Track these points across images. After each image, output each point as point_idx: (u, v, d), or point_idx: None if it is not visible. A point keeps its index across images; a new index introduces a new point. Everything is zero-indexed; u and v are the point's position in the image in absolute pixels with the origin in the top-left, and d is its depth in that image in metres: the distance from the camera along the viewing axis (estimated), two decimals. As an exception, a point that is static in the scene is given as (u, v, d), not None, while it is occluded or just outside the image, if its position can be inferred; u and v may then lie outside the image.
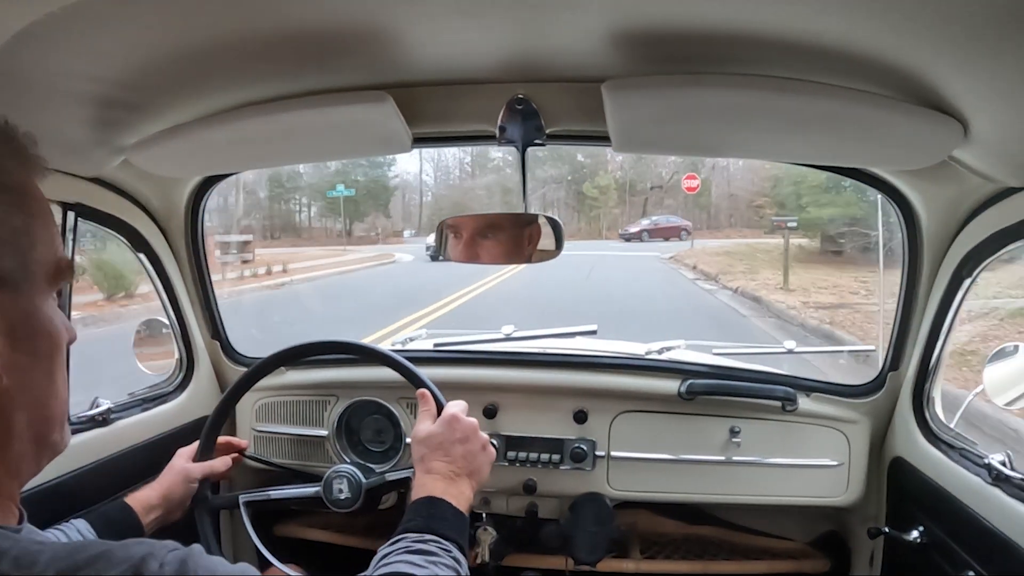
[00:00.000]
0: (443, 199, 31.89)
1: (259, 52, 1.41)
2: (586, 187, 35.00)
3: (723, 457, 2.31)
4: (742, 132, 1.65)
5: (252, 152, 1.90)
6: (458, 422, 1.65)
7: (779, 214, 24.84)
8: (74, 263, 0.93)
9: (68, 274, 0.90)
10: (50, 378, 0.86)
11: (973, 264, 1.87)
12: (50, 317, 0.86)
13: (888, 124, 1.45)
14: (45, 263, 0.85)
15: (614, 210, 36.67)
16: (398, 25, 1.33)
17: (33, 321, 0.83)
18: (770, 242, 22.80)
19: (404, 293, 16.17)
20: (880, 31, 1.15)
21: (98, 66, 1.32)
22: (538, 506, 2.43)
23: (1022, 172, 1.54)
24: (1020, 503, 1.57)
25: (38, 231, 0.84)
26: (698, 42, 1.33)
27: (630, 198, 36.73)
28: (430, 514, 1.43)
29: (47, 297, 0.86)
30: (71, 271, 0.91)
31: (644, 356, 2.50)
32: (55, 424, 0.89)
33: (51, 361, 0.87)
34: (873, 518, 2.30)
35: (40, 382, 0.85)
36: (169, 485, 1.86)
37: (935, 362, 2.06)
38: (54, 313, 0.88)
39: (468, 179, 31.42)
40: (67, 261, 0.90)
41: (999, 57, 1.09)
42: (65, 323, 0.92)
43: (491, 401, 2.38)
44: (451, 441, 1.61)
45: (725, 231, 28.63)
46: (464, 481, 1.56)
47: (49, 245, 0.86)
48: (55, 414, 0.88)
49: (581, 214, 35.09)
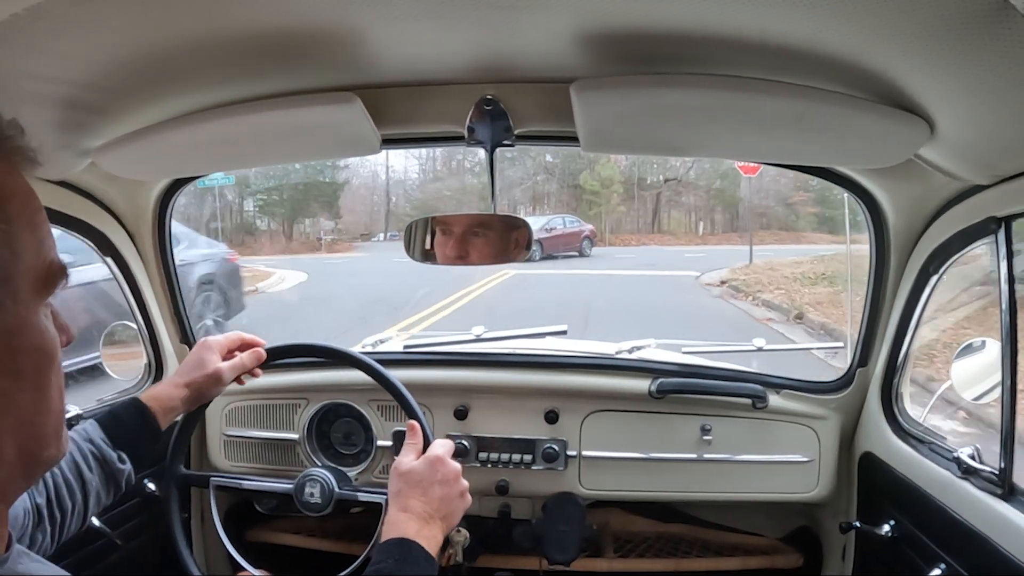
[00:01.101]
0: (413, 198, 26.22)
1: (225, 54, 1.40)
2: (584, 178, 26.78)
3: (694, 455, 2.32)
4: (710, 132, 1.65)
5: (220, 154, 1.89)
6: (442, 464, 1.63)
7: (823, 213, 21.25)
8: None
9: (60, 278, 0.83)
10: (40, 394, 0.80)
11: (940, 261, 1.90)
12: (40, 329, 0.80)
13: (855, 123, 1.46)
14: (32, 272, 0.78)
15: (619, 208, 28.22)
16: (365, 26, 1.32)
17: (17, 339, 0.76)
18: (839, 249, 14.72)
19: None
20: (847, 31, 1.16)
21: (62, 68, 1.31)
22: (511, 507, 2.43)
23: (987, 170, 1.56)
24: (989, 495, 1.59)
25: (21, 239, 0.77)
26: (666, 42, 1.34)
27: (639, 193, 27.93)
28: (402, 557, 1.41)
29: (37, 307, 0.80)
30: (64, 274, 0.84)
31: (614, 356, 2.50)
32: (47, 440, 0.83)
33: (40, 376, 0.80)
34: (844, 513, 2.32)
35: (27, 402, 0.79)
36: (197, 385, 1.77)
37: (903, 358, 2.09)
38: (45, 323, 0.81)
39: (441, 177, 26.53)
40: (59, 264, 0.83)
41: (964, 56, 1.10)
42: (63, 326, 0.87)
43: (462, 402, 2.38)
44: (432, 481, 1.58)
45: (759, 234, 21.89)
46: (437, 524, 1.54)
47: (36, 251, 0.79)
48: (47, 431, 0.82)
49: (578, 213, 25.98)
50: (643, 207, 27.85)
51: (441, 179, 24.90)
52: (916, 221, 1.97)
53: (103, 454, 1.54)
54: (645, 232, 26.96)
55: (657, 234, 26.53)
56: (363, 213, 23.10)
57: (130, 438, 1.61)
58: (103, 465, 1.54)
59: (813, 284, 13.51)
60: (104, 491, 1.56)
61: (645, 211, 27.83)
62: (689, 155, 2.99)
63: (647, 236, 26.34)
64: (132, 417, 1.64)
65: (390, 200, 21.77)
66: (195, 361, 1.79)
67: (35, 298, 0.79)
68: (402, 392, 1.92)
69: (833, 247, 15.92)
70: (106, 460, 1.54)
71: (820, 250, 16.23)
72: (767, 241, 21.17)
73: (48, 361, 0.81)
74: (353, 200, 24.63)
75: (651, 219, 27.80)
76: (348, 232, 24.57)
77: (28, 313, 0.78)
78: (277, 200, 24.35)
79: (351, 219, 25.28)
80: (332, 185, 24.21)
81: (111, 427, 1.59)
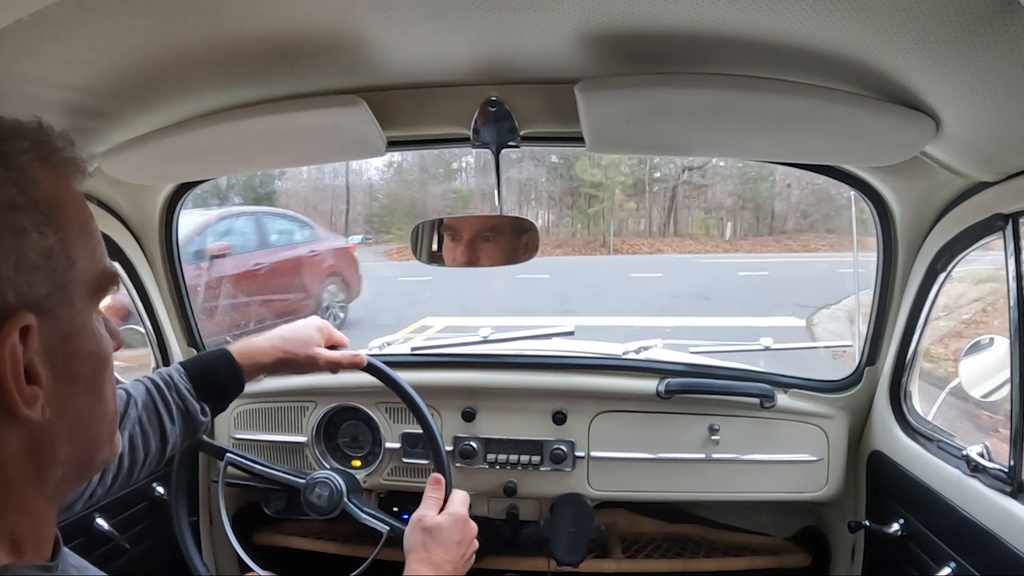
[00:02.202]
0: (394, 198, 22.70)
1: (230, 58, 1.40)
2: (581, 167, 21.06)
3: (702, 455, 2.32)
4: (715, 131, 1.65)
5: (226, 158, 1.89)
6: (466, 524, 1.66)
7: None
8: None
9: (112, 284, 0.84)
10: (95, 397, 0.81)
11: (947, 259, 1.89)
12: (94, 335, 0.81)
13: (860, 121, 1.45)
14: (86, 279, 0.79)
15: (627, 204, 22.46)
16: (369, 29, 1.33)
17: (74, 344, 0.78)
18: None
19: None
20: (851, 29, 1.15)
21: (67, 73, 1.31)
22: (519, 508, 2.43)
23: (993, 167, 1.56)
24: (998, 493, 1.59)
25: (76, 246, 0.78)
26: (670, 42, 1.33)
27: (650, 188, 22.16)
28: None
29: (91, 313, 0.81)
30: (115, 280, 0.85)
31: (622, 356, 2.50)
32: (102, 442, 0.84)
33: (95, 379, 0.81)
34: (852, 512, 2.31)
35: (83, 406, 0.80)
36: (292, 358, 1.74)
37: (911, 356, 2.08)
38: (98, 327, 0.82)
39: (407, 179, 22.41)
40: (111, 271, 0.84)
41: (969, 53, 1.10)
42: (113, 332, 0.87)
43: (469, 404, 2.38)
44: (455, 540, 1.61)
45: (801, 238, 18.43)
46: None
47: (90, 258, 0.80)
48: (101, 433, 0.83)
49: (575, 211, 22.09)
50: (656, 204, 22.26)
51: (406, 180, 21.40)
52: (923, 218, 1.97)
53: (187, 406, 1.55)
54: (659, 235, 21.75)
55: (675, 238, 21.42)
56: (324, 214, 21.28)
57: (216, 389, 1.63)
58: (186, 417, 1.56)
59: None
60: (180, 441, 1.57)
61: (659, 209, 22.29)
62: (695, 155, 2.99)
63: (661, 240, 21.33)
64: (222, 367, 1.64)
65: (350, 201, 20.15)
66: (300, 334, 1.77)
67: (89, 304, 0.80)
68: (412, 397, 1.92)
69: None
70: (189, 413, 1.56)
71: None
72: (817, 247, 17.72)
73: (102, 365, 0.82)
74: (318, 200, 21.57)
75: (666, 218, 22.30)
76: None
77: (83, 319, 0.79)
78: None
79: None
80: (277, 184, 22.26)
81: (199, 376, 1.60)
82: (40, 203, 0.74)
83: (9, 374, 0.69)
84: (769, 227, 21.05)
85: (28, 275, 0.71)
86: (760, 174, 20.17)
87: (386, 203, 21.65)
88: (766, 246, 19.59)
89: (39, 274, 0.72)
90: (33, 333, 0.71)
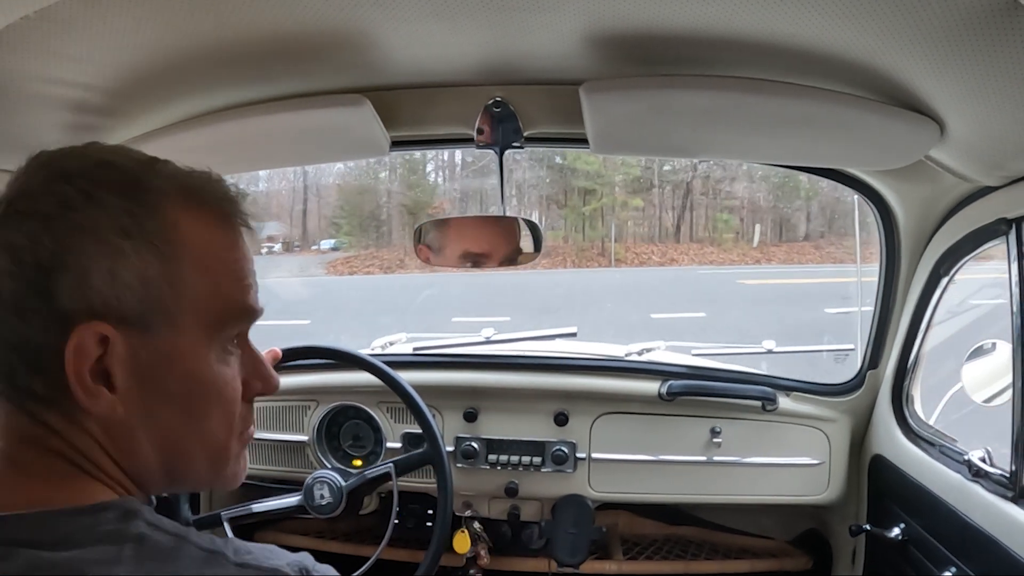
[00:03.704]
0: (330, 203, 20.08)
1: (235, 56, 1.40)
2: (572, 155, 16.66)
3: (704, 457, 2.32)
4: (720, 133, 1.65)
5: (230, 157, 1.89)
6: None
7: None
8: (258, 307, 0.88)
9: (237, 320, 0.87)
10: (189, 419, 0.84)
11: (950, 263, 1.89)
12: (201, 361, 0.84)
13: (864, 125, 1.46)
14: (201, 309, 0.82)
15: (632, 202, 18.73)
16: (374, 28, 1.33)
17: (171, 364, 0.81)
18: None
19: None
20: (856, 33, 1.15)
21: (72, 71, 1.31)
22: (520, 509, 2.43)
23: (997, 171, 1.56)
24: (1000, 498, 1.58)
25: (190, 278, 0.81)
26: (675, 44, 1.33)
27: (660, 182, 18.43)
28: None
29: (208, 343, 0.84)
30: (244, 318, 0.88)
31: (624, 358, 2.50)
32: (195, 464, 0.87)
33: (193, 404, 0.84)
34: (854, 516, 2.31)
35: (173, 423, 0.83)
36: None
37: (914, 360, 2.08)
38: (215, 359, 0.85)
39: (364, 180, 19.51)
40: (242, 307, 0.87)
41: (974, 57, 1.10)
42: (264, 376, 0.92)
43: (471, 405, 2.38)
44: None
45: (847, 244, 14.02)
46: None
47: (211, 292, 0.83)
48: (193, 455, 0.86)
49: (568, 210, 18.35)
50: (666, 202, 18.76)
51: (360, 181, 19.84)
52: (927, 222, 1.97)
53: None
54: (671, 240, 18.31)
55: (691, 243, 18.07)
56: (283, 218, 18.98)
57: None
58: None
59: None
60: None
61: (670, 207, 18.67)
62: (699, 156, 2.98)
63: (675, 247, 18.05)
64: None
65: (307, 204, 18.44)
66: None
67: (203, 332, 0.83)
68: (413, 397, 1.92)
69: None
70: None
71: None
72: (870, 255, 8.37)
73: (204, 393, 0.84)
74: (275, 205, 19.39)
75: (677, 220, 18.58)
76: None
77: (190, 345, 0.82)
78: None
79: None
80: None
81: (160, 506, 1.63)
82: (153, 235, 0.79)
83: (72, 369, 0.75)
84: (806, 230, 18.12)
85: (120, 291, 0.76)
86: (784, 174, 16.51)
87: (345, 205, 20.03)
88: (804, 254, 16.83)
89: (132, 293, 0.77)
90: (115, 342, 0.77)
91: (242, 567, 0.79)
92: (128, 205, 0.78)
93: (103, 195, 0.77)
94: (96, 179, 0.78)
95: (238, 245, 0.87)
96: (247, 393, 0.91)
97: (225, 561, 0.79)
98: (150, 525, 0.77)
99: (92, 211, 0.76)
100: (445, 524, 2.02)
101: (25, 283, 0.75)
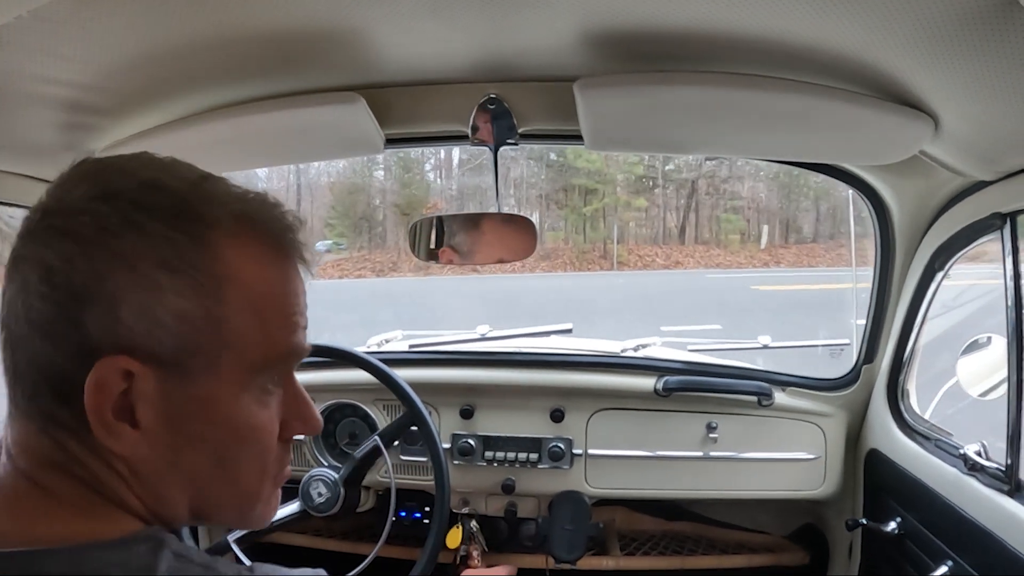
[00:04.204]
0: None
1: (228, 54, 1.40)
2: (573, 152, 17.00)
3: (700, 453, 2.32)
4: (714, 129, 1.65)
5: (223, 155, 1.88)
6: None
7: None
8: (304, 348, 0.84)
9: (288, 362, 0.83)
10: (219, 464, 0.80)
11: (945, 258, 1.90)
12: (237, 406, 0.79)
13: (859, 120, 1.46)
14: (247, 354, 0.77)
15: (635, 202, 18.12)
16: (369, 26, 1.33)
17: (203, 407, 0.76)
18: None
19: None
20: (851, 29, 1.16)
21: (66, 70, 1.31)
22: (517, 506, 2.43)
23: (992, 166, 1.56)
24: (996, 492, 1.59)
25: (236, 321, 0.76)
26: (670, 40, 1.34)
27: (664, 181, 17.85)
28: None
29: (244, 387, 0.79)
30: (297, 356, 0.84)
31: (620, 354, 2.51)
32: (222, 508, 0.83)
33: (225, 450, 0.79)
34: (850, 510, 2.32)
35: (201, 468, 0.79)
36: None
37: (909, 354, 2.09)
38: (250, 402, 0.80)
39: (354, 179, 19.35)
40: (289, 348, 0.82)
41: (969, 53, 1.10)
42: (305, 416, 0.89)
43: (468, 402, 2.38)
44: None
45: (861, 244, 3.47)
46: None
47: (260, 338, 0.78)
48: (221, 500, 0.82)
49: (568, 210, 17.75)
50: (669, 202, 18.27)
51: (354, 180, 19.15)
52: (921, 217, 1.97)
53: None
54: (675, 242, 17.80)
55: (699, 245, 17.64)
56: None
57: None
58: None
59: None
60: None
61: (674, 208, 18.16)
62: (694, 153, 2.98)
63: (679, 249, 17.53)
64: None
65: (300, 203, 17.55)
66: None
67: (244, 376, 0.78)
68: (409, 394, 1.93)
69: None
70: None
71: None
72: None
73: (239, 439, 0.80)
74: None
75: (681, 221, 18.01)
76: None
77: (228, 389, 0.78)
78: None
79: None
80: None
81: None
82: (197, 269, 0.74)
83: (91, 404, 0.70)
84: (814, 230, 17.55)
85: (152, 328, 0.72)
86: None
87: (338, 205, 19.24)
88: (815, 256, 16.34)
89: (166, 332, 0.72)
90: (141, 379, 0.72)
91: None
92: (172, 235, 0.73)
93: (145, 221, 0.72)
94: (140, 203, 0.73)
95: (291, 279, 0.82)
96: (285, 434, 0.87)
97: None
98: (179, 557, 0.73)
99: (132, 238, 0.72)
100: (442, 521, 2.02)
101: (55, 306, 0.71)
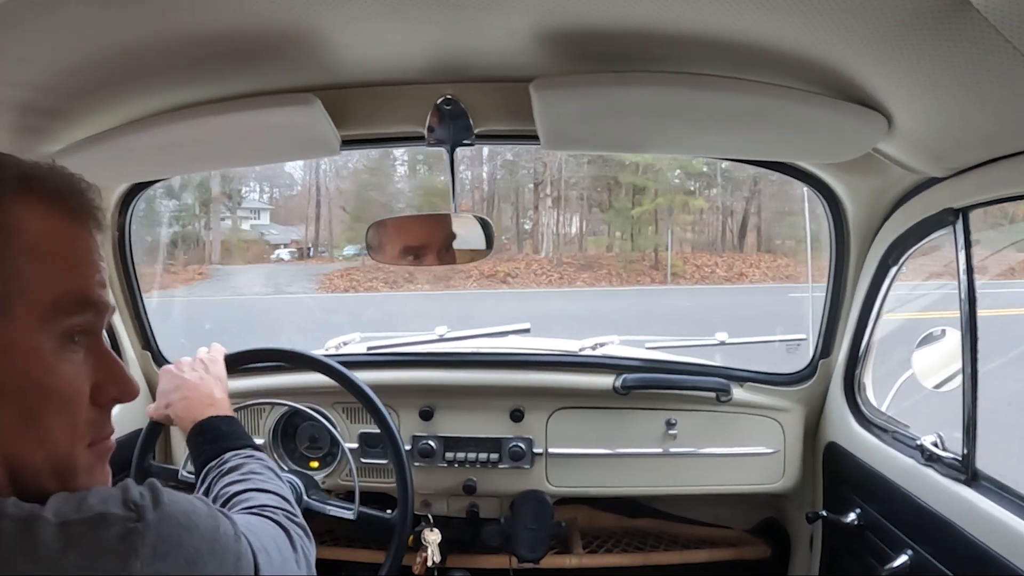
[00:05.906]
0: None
1: (183, 56, 1.39)
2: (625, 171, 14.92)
3: (660, 449, 2.33)
4: (669, 128, 1.66)
5: (179, 157, 1.86)
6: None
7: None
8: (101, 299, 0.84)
9: (77, 310, 0.83)
10: (26, 424, 0.78)
11: (899, 253, 1.92)
12: (36, 358, 0.79)
13: (813, 119, 1.48)
14: (36, 299, 0.79)
15: (693, 203, 15.59)
16: (324, 27, 1.32)
17: (1, 356, 0.76)
18: None
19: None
20: (804, 28, 1.17)
21: (18, 71, 1.29)
22: (479, 506, 2.43)
23: (943, 163, 1.59)
24: (953, 482, 1.61)
25: (22, 266, 0.78)
26: (625, 40, 1.34)
27: (723, 182, 15.63)
28: (213, 438, 1.54)
29: (43, 334, 0.79)
30: (90, 307, 0.84)
31: (578, 353, 2.51)
32: (38, 473, 0.80)
33: (29, 404, 0.78)
34: (810, 503, 2.34)
35: (8, 426, 0.77)
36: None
37: (864, 348, 2.11)
38: (53, 356, 0.80)
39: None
40: (79, 296, 0.83)
41: (921, 53, 1.11)
42: (117, 379, 0.88)
43: (427, 403, 2.38)
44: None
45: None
46: (206, 385, 1.76)
47: (45, 281, 0.80)
48: (35, 463, 0.80)
49: (612, 212, 15.69)
50: (728, 204, 15.61)
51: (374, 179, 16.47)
52: (875, 214, 2.00)
53: None
54: (734, 250, 15.26)
55: (763, 254, 15.10)
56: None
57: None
58: None
59: None
60: None
61: (730, 211, 15.57)
62: (650, 152, 2.99)
63: (743, 259, 14.97)
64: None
65: (319, 208, 16.84)
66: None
67: (38, 323, 0.79)
68: (369, 395, 1.91)
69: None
70: None
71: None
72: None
73: (40, 389, 0.79)
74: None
75: (742, 226, 15.46)
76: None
77: (21, 332, 0.78)
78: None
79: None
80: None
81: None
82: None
83: None
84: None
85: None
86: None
87: (353, 209, 16.56)
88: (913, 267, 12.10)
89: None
90: None
91: (63, 526, 0.74)
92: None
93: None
94: None
95: (79, 235, 0.86)
96: (99, 398, 0.87)
97: (45, 525, 0.73)
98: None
99: None
100: (405, 524, 2.01)
101: None
